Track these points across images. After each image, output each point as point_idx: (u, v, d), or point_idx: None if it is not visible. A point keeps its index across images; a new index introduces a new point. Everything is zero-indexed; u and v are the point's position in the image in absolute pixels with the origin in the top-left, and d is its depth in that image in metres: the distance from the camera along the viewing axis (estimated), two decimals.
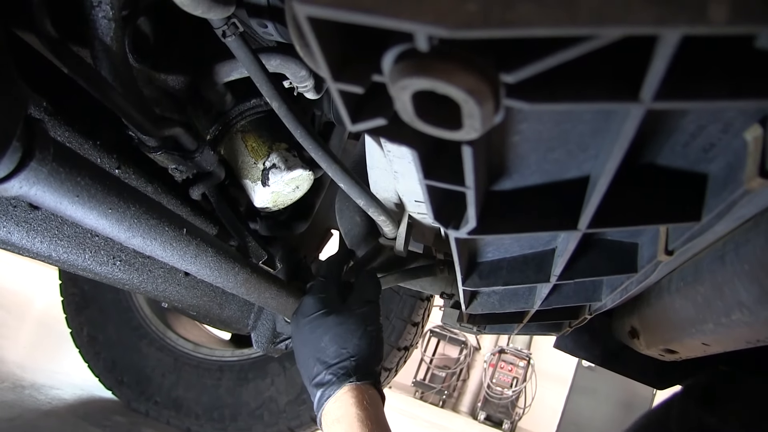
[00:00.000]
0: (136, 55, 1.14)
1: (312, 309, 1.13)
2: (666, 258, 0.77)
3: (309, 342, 1.10)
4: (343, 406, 1.02)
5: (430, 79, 0.38)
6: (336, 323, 1.10)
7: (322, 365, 1.07)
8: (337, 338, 1.08)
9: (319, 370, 1.07)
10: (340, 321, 1.10)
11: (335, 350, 1.07)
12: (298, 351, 1.14)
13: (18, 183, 0.70)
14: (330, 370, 1.05)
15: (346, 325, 1.10)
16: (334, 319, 1.10)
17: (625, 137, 0.48)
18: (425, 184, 0.60)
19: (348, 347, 1.08)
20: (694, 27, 0.32)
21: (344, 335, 1.09)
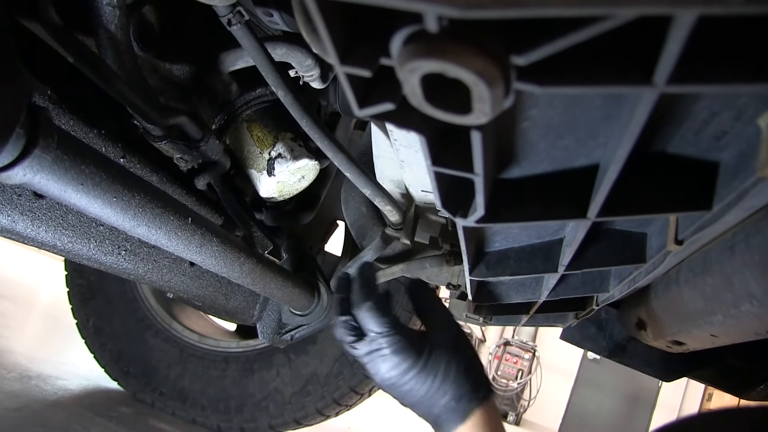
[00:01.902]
0: (141, 44, 1.14)
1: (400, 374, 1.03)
2: (675, 248, 0.76)
3: (418, 400, 1.03)
4: (479, 424, 1.01)
5: (440, 61, 0.37)
6: (436, 365, 1.03)
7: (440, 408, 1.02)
8: (444, 379, 1.02)
9: (440, 410, 1.02)
10: (438, 362, 1.03)
11: (452, 389, 1.02)
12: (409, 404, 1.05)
13: (22, 170, 0.70)
14: (451, 404, 1.01)
15: (446, 363, 1.03)
16: (428, 363, 1.02)
17: (636, 123, 0.47)
18: (433, 171, 0.60)
19: (459, 380, 1.02)
20: (710, 7, 0.31)
21: (449, 372, 1.02)
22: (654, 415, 9.79)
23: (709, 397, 9.52)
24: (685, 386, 9.84)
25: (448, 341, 1.07)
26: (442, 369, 1.02)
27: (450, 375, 1.02)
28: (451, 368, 1.02)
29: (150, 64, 1.18)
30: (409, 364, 1.00)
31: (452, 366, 1.03)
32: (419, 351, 1.01)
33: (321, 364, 2.34)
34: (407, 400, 1.03)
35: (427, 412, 1.02)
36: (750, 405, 1.61)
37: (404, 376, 1.00)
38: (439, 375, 1.01)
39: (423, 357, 1.01)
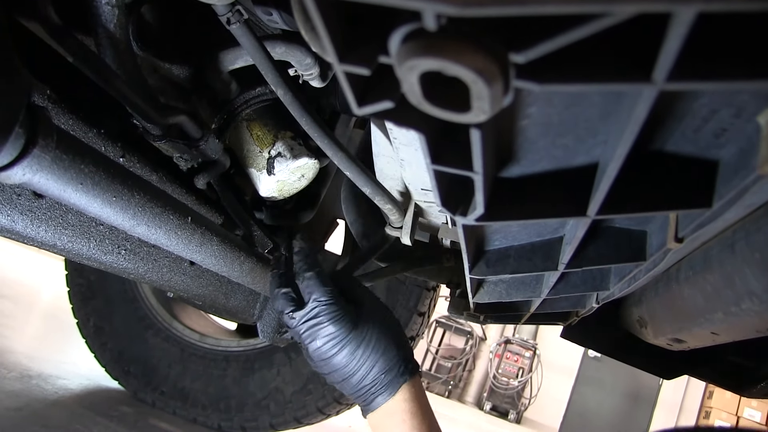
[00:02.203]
0: (140, 43, 1.14)
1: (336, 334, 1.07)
2: (675, 246, 0.76)
3: (350, 373, 1.07)
4: (408, 399, 1.07)
5: (439, 59, 0.37)
6: (368, 337, 1.08)
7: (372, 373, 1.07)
8: (374, 350, 1.07)
9: (371, 378, 1.06)
10: (370, 334, 1.08)
11: (382, 361, 1.07)
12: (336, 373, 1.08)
13: (21, 170, 0.69)
14: (381, 377, 1.06)
15: (377, 335, 1.09)
16: (360, 335, 1.08)
17: (635, 121, 0.47)
18: (433, 169, 0.59)
19: (389, 352, 1.08)
20: (709, 3, 0.31)
21: (379, 345, 1.08)
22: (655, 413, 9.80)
23: (710, 395, 9.54)
24: (686, 384, 9.85)
25: (378, 317, 1.13)
26: (373, 341, 1.07)
27: (380, 347, 1.07)
28: (381, 341, 1.08)
29: (149, 63, 1.18)
30: (344, 334, 1.05)
31: (382, 339, 1.08)
32: (354, 322, 1.07)
33: None
34: (338, 374, 1.07)
35: (357, 387, 1.06)
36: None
37: (338, 346, 1.04)
38: (371, 346, 1.06)
39: (357, 329, 1.07)
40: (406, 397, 1.06)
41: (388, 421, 1.05)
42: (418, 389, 1.09)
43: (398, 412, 1.05)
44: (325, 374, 1.09)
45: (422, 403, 1.08)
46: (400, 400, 1.05)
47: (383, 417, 1.06)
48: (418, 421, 1.05)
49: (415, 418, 1.05)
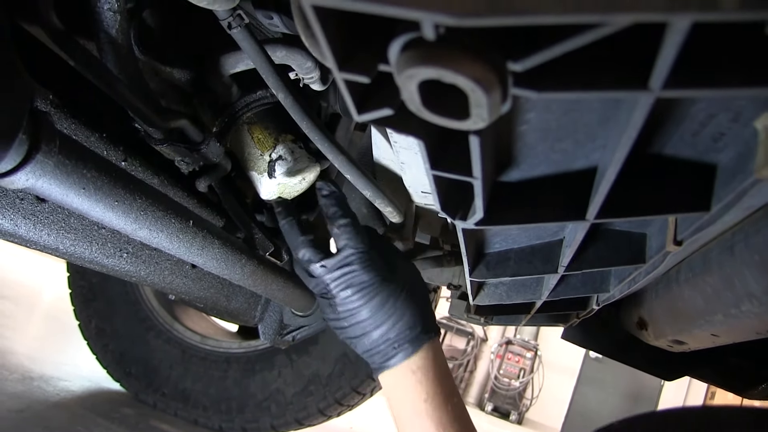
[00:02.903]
0: (141, 48, 1.14)
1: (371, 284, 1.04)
2: (674, 248, 0.77)
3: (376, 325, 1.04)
4: (429, 358, 1.03)
5: (437, 68, 0.37)
6: (398, 290, 1.05)
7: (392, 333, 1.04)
8: (403, 304, 1.04)
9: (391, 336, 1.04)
10: (400, 288, 1.06)
11: (408, 315, 1.04)
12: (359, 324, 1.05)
13: (24, 175, 0.70)
14: (406, 332, 1.03)
15: (407, 290, 1.07)
16: (391, 286, 1.05)
17: (633, 126, 0.47)
18: (432, 174, 0.60)
19: (417, 308, 1.06)
20: (704, 14, 0.31)
21: (408, 299, 1.06)
22: None
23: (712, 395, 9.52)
24: (688, 385, 9.83)
25: (408, 273, 1.11)
26: (403, 294, 1.04)
27: (409, 301, 1.05)
28: (410, 296, 1.05)
29: (151, 67, 1.18)
30: (377, 283, 1.02)
31: (412, 294, 1.06)
32: (386, 274, 1.05)
33: (323, 364, 2.35)
34: (360, 328, 1.03)
35: (378, 342, 1.03)
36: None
37: (369, 296, 1.02)
38: (401, 299, 1.04)
39: (389, 280, 1.04)
40: (429, 355, 1.03)
41: (407, 379, 1.01)
42: (440, 352, 1.06)
43: (420, 370, 1.01)
44: (345, 328, 1.05)
45: (443, 366, 1.05)
46: (422, 357, 1.02)
47: (403, 375, 1.01)
48: (439, 382, 1.02)
49: (436, 379, 1.01)
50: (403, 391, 1.02)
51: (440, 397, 1.00)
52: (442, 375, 1.03)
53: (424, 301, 1.10)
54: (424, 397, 1.00)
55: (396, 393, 1.03)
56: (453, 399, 1.03)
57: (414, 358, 1.02)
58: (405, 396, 1.01)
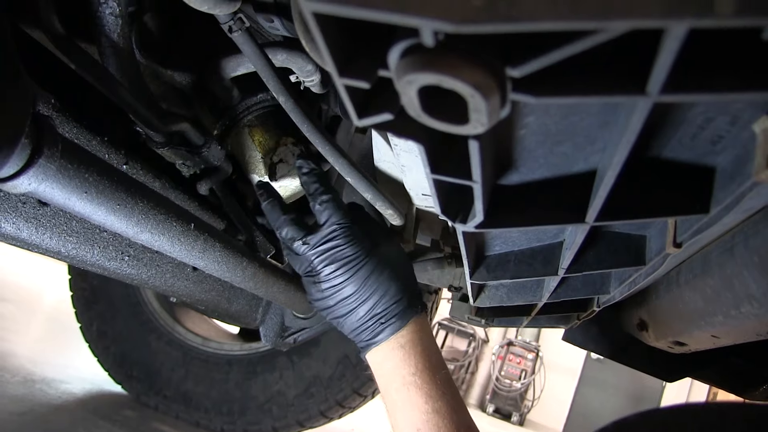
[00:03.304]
0: (142, 51, 1.14)
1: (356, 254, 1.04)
2: (674, 250, 0.77)
3: (362, 301, 1.04)
4: (417, 332, 1.03)
5: (436, 74, 0.38)
6: (382, 263, 1.05)
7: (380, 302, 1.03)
8: (388, 277, 1.04)
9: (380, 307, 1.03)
10: (384, 261, 1.06)
11: (394, 289, 1.04)
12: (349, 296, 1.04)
13: (27, 180, 0.70)
14: (392, 307, 1.03)
15: (391, 263, 1.07)
16: (375, 260, 1.05)
17: (632, 130, 0.48)
18: (432, 178, 0.60)
19: (401, 282, 1.06)
20: (701, 20, 0.32)
21: (393, 272, 1.05)
22: None
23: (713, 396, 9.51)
24: (690, 386, 9.82)
25: (392, 247, 1.11)
26: (387, 268, 1.04)
27: (394, 274, 1.04)
28: (395, 269, 1.05)
29: (152, 70, 1.18)
30: (361, 257, 1.02)
31: (396, 268, 1.06)
32: (370, 247, 1.05)
33: (324, 366, 2.35)
34: (346, 305, 1.03)
35: (364, 318, 1.03)
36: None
37: (353, 270, 1.02)
38: (385, 272, 1.03)
39: (372, 254, 1.04)
40: (416, 329, 1.02)
41: (396, 354, 1.01)
42: (427, 326, 1.06)
43: (408, 344, 1.01)
44: (331, 307, 1.04)
45: (430, 340, 1.05)
46: (410, 332, 1.02)
47: (391, 350, 1.01)
48: (427, 355, 1.01)
49: (423, 352, 1.01)
50: (392, 366, 1.01)
51: (429, 370, 1.00)
52: (429, 348, 1.03)
53: (409, 275, 1.11)
54: (413, 370, 0.99)
55: (385, 369, 1.02)
56: (441, 371, 1.02)
57: (402, 333, 1.02)
58: (394, 371, 1.01)
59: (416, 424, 0.96)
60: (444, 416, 0.96)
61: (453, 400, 0.99)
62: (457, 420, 0.97)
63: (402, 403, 0.99)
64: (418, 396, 0.97)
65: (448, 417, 0.96)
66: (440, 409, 0.97)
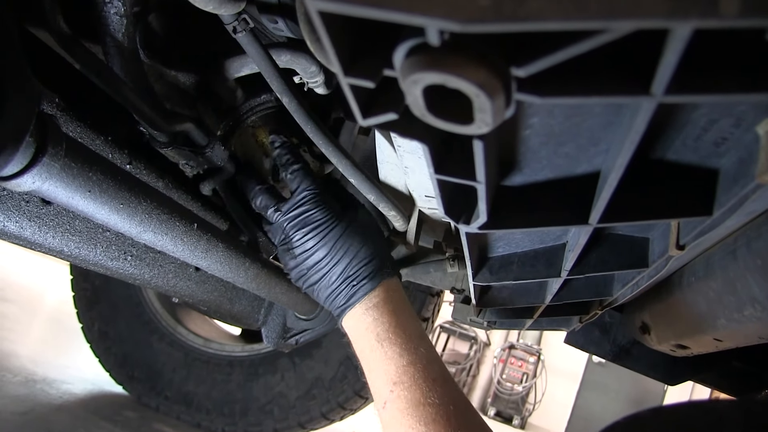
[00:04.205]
0: (147, 51, 1.14)
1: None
2: (677, 253, 0.77)
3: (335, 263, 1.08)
4: (388, 293, 1.05)
5: (442, 73, 0.38)
6: (352, 227, 1.10)
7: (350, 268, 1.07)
8: (358, 240, 1.08)
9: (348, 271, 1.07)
10: (354, 225, 1.10)
11: (364, 251, 1.08)
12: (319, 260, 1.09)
13: (31, 178, 0.70)
14: (363, 268, 1.06)
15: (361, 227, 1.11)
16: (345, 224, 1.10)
17: (636, 131, 0.48)
18: (436, 178, 0.60)
19: (371, 245, 1.09)
20: (705, 21, 0.32)
21: (363, 236, 1.10)
22: None
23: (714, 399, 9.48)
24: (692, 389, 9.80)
25: (361, 214, 1.15)
26: (358, 232, 1.09)
27: (364, 238, 1.09)
28: (365, 233, 1.10)
29: (156, 70, 1.18)
30: (330, 221, 1.07)
31: (365, 232, 1.10)
32: (340, 211, 1.10)
33: (326, 368, 2.35)
34: (320, 269, 1.07)
35: (337, 282, 1.06)
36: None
37: (323, 233, 1.06)
38: (355, 236, 1.08)
39: (342, 218, 1.09)
40: (388, 290, 1.05)
41: (369, 315, 1.02)
42: (399, 290, 1.08)
43: (379, 305, 1.02)
44: (305, 274, 1.08)
45: (403, 301, 1.06)
46: (382, 292, 1.04)
47: (363, 313, 1.02)
48: (400, 314, 1.02)
49: (396, 312, 1.02)
50: (366, 327, 1.02)
51: (401, 326, 1.01)
52: (401, 307, 1.05)
53: (379, 240, 1.14)
54: (386, 328, 1.00)
55: (359, 331, 1.04)
56: (414, 326, 1.03)
57: (374, 293, 1.04)
58: (367, 331, 1.02)
59: (392, 378, 0.96)
60: (419, 368, 0.96)
61: (428, 353, 0.99)
62: (433, 371, 0.96)
63: (377, 361, 0.99)
64: (393, 351, 0.98)
65: (422, 368, 0.96)
66: (415, 361, 0.96)
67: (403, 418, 0.91)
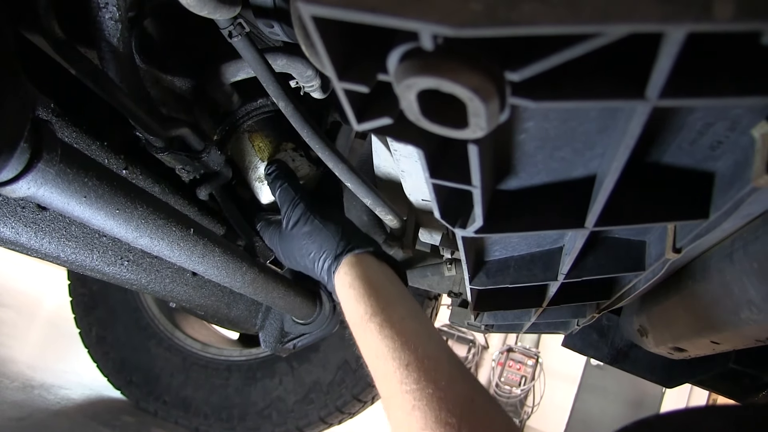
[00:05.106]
0: (142, 56, 1.14)
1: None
2: (674, 256, 0.77)
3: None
4: (365, 271, 1.04)
5: (436, 78, 0.38)
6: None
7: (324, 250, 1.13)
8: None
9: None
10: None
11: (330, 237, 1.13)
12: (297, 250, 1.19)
13: (26, 184, 0.70)
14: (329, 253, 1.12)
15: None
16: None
17: (631, 135, 0.48)
18: (432, 183, 0.60)
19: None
20: (699, 24, 0.32)
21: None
22: None
23: (714, 402, 9.49)
24: (690, 392, 9.80)
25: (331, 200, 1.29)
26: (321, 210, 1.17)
27: (332, 215, 1.16)
28: (332, 211, 1.18)
29: (152, 75, 1.18)
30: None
31: (335, 211, 1.20)
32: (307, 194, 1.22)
33: (324, 372, 2.35)
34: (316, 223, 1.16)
35: (318, 255, 1.13)
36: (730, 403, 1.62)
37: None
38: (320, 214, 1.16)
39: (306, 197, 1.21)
40: (363, 267, 1.05)
41: (349, 294, 1.01)
42: (376, 266, 1.07)
43: (355, 283, 1.01)
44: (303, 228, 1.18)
45: (385, 278, 1.04)
46: (355, 269, 1.04)
47: (343, 290, 1.03)
48: (381, 296, 0.98)
49: (377, 293, 0.98)
50: (349, 306, 1.01)
51: (385, 311, 0.95)
52: (383, 287, 1.01)
53: (346, 221, 1.18)
54: (370, 311, 0.96)
55: (346, 307, 1.02)
56: (400, 306, 0.97)
57: (345, 270, 1.05)
58: (352, 311, 0.99)
59: (379, 354, 0.91)
60: (401, 350, 0.89)
61: (415, 335, 0.92)
62: (422, 352, 0.88)
63: (363, 342, 0.96)
64: (375, 333, 0.92)
65: (405, 349, 0.88)
66: (399, 345, 0.89)
67: None
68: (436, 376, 0.83)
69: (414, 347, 0.87)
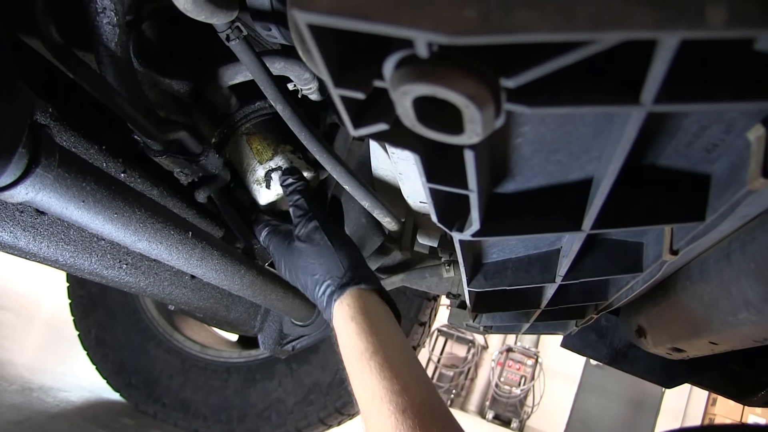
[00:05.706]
0: (140, 60, 1.15)
1: None
2: (671, 257, 0.77)
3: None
4: (366, 307, 1.03)
5: (431, 84, 0.38)
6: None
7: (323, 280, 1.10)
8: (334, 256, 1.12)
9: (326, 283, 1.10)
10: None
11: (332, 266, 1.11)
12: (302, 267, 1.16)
13: (24, 189, 0.70)
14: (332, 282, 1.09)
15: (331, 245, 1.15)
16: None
17: (626, 139, 0.48)
18: (428, 187, 0.60)
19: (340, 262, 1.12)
20: (692, 31, 0.32)
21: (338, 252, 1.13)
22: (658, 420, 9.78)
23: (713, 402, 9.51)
24: (689, 391, 9.82)
25: (339, 227, 1.25)
26: (332, 236, 1.14)
27: (342, 243, 1.14)
28: (343, 241, 1.15)
29: (150, 79, 1.19)
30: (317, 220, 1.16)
31: (344, 240, 1.16)
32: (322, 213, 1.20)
33: (323, 373, 2.35)
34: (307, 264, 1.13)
35: (321, 279, 1.10)
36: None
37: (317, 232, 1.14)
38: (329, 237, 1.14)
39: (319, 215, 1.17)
40: (365, 301, 1.04)
41: (349, 328, 1.00)
42: (378, 304, 1.06)
43: (356, 317, 1.01)
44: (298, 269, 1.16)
45: (383, 317, 1.04)
46: (356, 303, 1.03)
47: (343, 322, 1.02)
48: (381, 333, 0.99)
49: (377, 331, 0.99)
50: (347, 341, 1.01)
51: (383, 350, 0.96)
52: (381, 325, 1.01)
53: (355, 252, 1.16)
54: (370, 348, 0.97)
55: (342, 340, 1.02)
56: (397, 347, 0.98)
57: (348, 303, 1.04)
58: (350, 346, 0.99)
59: (375, 395, 0.92)
60: (399, 394, 0.90)
61: (410, 377, 0.93)
62: (419, 399, 0.89)
63: (359, 378, 0.97)
64: (374, 373, 0.93)
65: (404, 394, 0.89)
66: (398, 389, 0.90)
67: None
68: (432, 424, 0.86)
69: (413, 394, 0.88)
